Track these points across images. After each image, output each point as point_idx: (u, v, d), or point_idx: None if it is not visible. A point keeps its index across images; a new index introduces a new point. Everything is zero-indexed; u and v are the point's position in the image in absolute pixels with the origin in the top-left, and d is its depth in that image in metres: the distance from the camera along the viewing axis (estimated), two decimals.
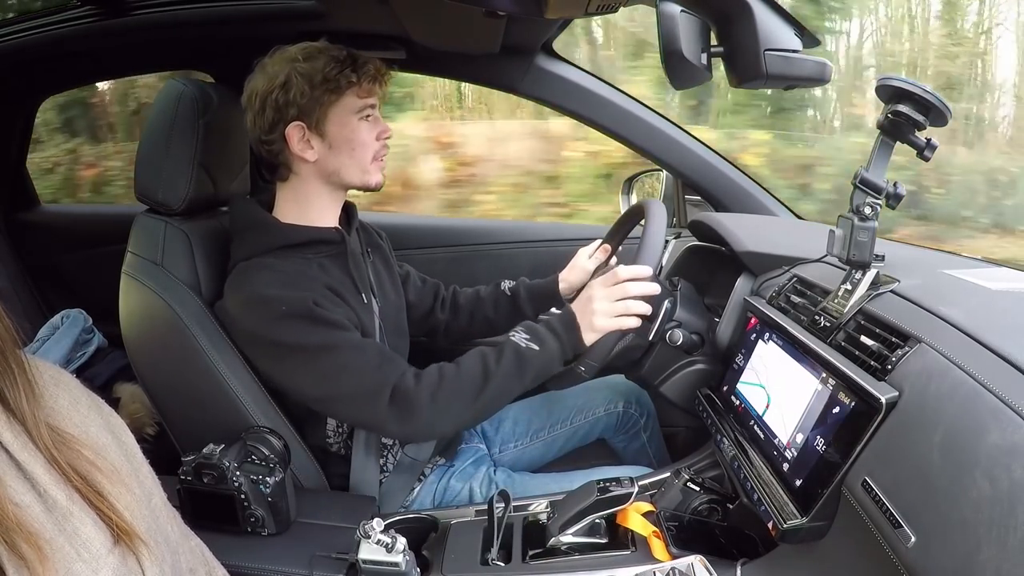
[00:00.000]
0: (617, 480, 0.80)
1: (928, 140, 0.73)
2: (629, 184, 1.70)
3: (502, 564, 0.78)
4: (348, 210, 1.06)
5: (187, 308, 0.93)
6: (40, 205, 1.84)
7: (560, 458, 1.23)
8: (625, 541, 0.79)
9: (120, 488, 0.41)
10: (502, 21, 1.13)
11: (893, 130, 0.74)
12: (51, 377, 0.43)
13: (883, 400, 0.62)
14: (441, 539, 0.85)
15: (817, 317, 0.80)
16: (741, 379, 0.91)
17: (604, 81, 1.44)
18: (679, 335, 1.00)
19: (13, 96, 1.60)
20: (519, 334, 0.93)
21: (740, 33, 0.75)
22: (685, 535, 0.79)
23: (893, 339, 0.68)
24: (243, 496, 0.79)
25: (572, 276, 1.17)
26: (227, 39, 1.33)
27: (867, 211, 0.75)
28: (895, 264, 0.82)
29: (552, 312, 1.02)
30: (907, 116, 0.72)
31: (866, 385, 0.64)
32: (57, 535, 0.37)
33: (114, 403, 1.23)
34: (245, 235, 0.96)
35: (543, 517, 0.84)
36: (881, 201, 0.76)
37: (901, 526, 0.54)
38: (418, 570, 0.74)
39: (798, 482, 0.70)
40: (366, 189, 0.99)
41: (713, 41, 0.78)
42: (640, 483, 0.91)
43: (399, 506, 1.03)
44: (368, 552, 0.69)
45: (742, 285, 1.04)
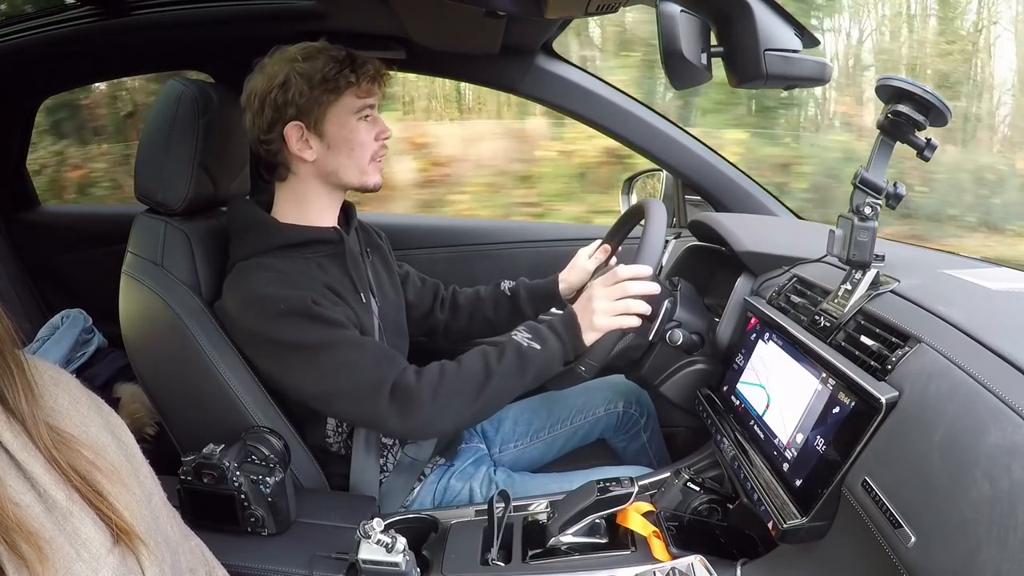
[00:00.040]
0: (617, 480, 0.80)
1: (928, 140, 0.73)
2: (629, 184, 1.70)
3: (502, 564, 0.78)
4: (347, 210, 1.06)
5: (187, 308, 0.93)
6: (40, 205, 1.84)
7: (560, 458, 1.23)
8: (625, 541, 0.79)
9: (120, 488, 0.41)
10: (502, 21, 1.13)
11: (893, 130, 0.74)
12: (51, 377, 0.43)
13: (883, 400, 0.62)
14: (441, 539, 0.85)
15: (817, 317, 0.80)
16: (741, 379, 0.91)
17: (604, 81, 1.44)
18: (679, 335, 1.00)
19: (13, 96, 1.60)
20: (521, 333, 0.93)
21: (740, 33, 0.75)
22: (685, 535, 0.79)
23: (893, 339, 0.68)
24: (243, 496, 0.79)
25: (572, 276, 1.17)
26: (227, 39, 1.33)
27: (867, 211, 0.75)
28: (895, 264, 0.82)
29: (553, 312, 1.02)
30: (907, 116, 0.72)
31: (866, 385, 0.64)
32: (57, 535, 0.37)
33: (114, 403, 1.23)
34: (244, 235, 0.96)
35: (543, 517, 0.84)
36: (881, 201, 0.76)
37: (901, 526, 0.54)
38: (418, 570, 0.74)
39: (798, 482, 0.70)
40: (364, 190, 0.99)
41: (713, 41, 0.78)
42: (640, 483, 0.91)
43: (399, 506, 1.03)
44: (368, 552, 0.69)
45: (742, 285, 1.04)
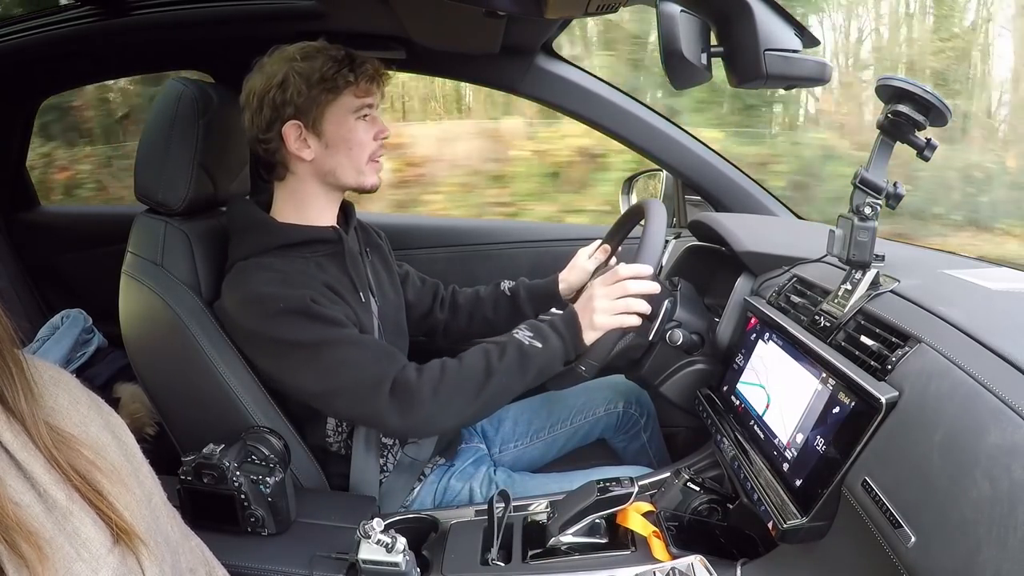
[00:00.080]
0: (617, 480, 0.80)
1: (928, 140, 0.73)
2: (629, 184, 1.70)
3: (502, 564, 0.78)
4: (346, 210, 1.06)
5: (187, 308, 0.93)
6: (40, 205, 1.84)
7: (560, 458, 1.23)
8: (625, 541, 0.79)
9: (120, 488, 0.41)
10: (502, 21, 1.13)
11: (893, 130, 0.74)
12: (51, 377, 0.43)
13: (883, 400, 0.62)
14: (441, 539, 0.85)
15: (817, 317, 0.80)
16: (741, 379, 0.91)
17: (604, 81, 1.44)
18: (679, 335, 1.00)
19: (13, 96, 1.60)
20: (522, 331, 0.93)
21: (740, 33, 0.75)
22: (685, 535, 0.79)
23: (893, 339, 0.68)
24: (243, 496, 0.79)
25: (572, 276, 1.17)
26: (227, 39, 1.33)
27: (867, 211, 0.75)
28: (895, 264, 0.82)
29: (554, 312, 1.02)
30: (907, 116, 0.72)
31: (866, 385, 0.64)
32: (57, 535, 0.37)
33: (114, 403, 1.23)
34: (243, 235, 0.96)
35: (543, 517, 0.84)
36: (881, 201, 0.76)
37: (901, 526, 0.54)
38: (418, 570, 0.74)
39: (798, 482, 0.70)
40: (361, 190, 0.99)
41: (713, 41, 0.78)
42: (640, 483, 0.91)
43: (399, 506, 1.03)
44: (368, 552, 0.69)
45: (742, 285, 1.04)
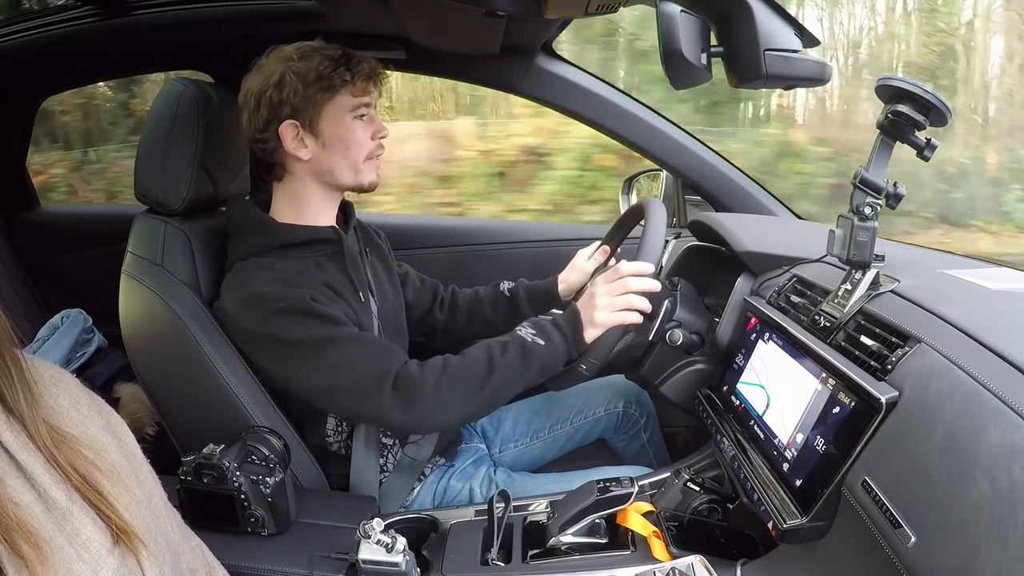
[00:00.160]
0: (617, 480, 0.80)
1: (928, 140, 0.73)
2: (629, 184, 1.70)
3: (502, 564, 0.78)
4: (346, 209, 1.06)
5: (187, 308, 0.93)
6: (40, 205, 1.84)
7: (560, 458, 1.23)
8: (625, 541, 0.79)
9: (120, 488, 0.41)
10: (502, 21, 1.13)
11: (893, 130, 0.74)
12: (51, 377, 0.43)
13: (883, 400, 0.62)
14: (441, 539, 0.85)
15: (817, 317, 0.80)
16: (741, 379, 0.91)
17: (604, 81, 1.44)
18: (679, 335, 1.00)
19: (13, 96, 1.60)
20: (525, 329, 0.93)
21: (740, 33, 0.75)
22: (685, 535, 0.79)
23: (893, 339, 0.68)
24: (243, 496, 0.79)
25: (571, 277, 1.17)
26: (227, 39, 1.33)
27: (867, 211, 0.75)
28: (895, 264, 0.82)
29: (555, 312, 1.02)
30: (907, 116, 0.71)
31: (866, 385, 0.64)
32: (57, 535, 0.37)
33: (114, 403, 1.23)
34: (242, 235, 0.96)
35: (543, 517, 0.84)
36: (881, 201, 0.76)
37: (901, 526, 0.54)
38: (418, 570, 0.74)
39: (798, 482, 0.70)
40: (360, 189, 0.99)
41: (713, 41, 0.78)
42: (640, 483, 0.91)
43: (399, 506, 1.03)
44: (368, 552, 0.69)
45: (742, 285, 1.04)
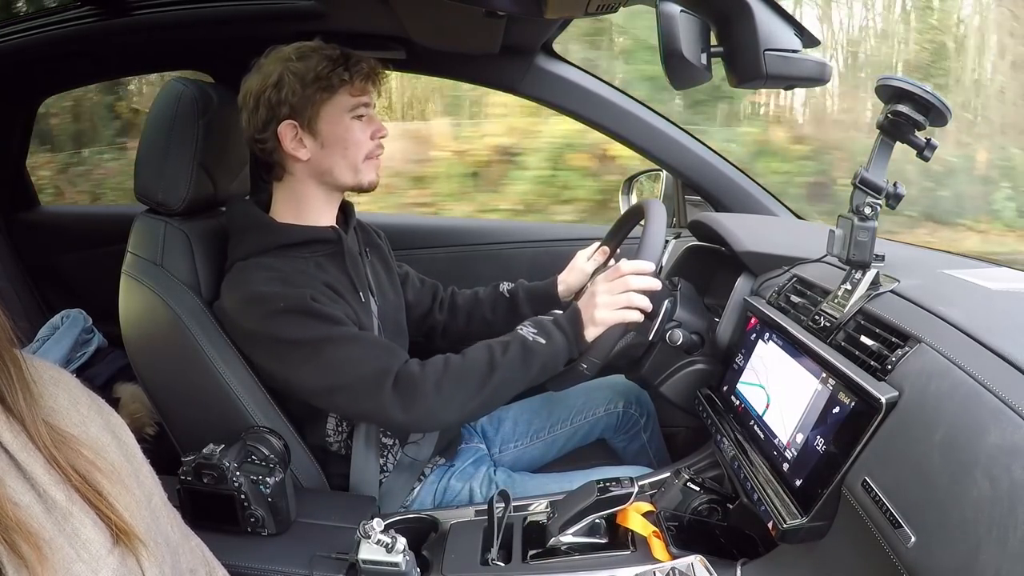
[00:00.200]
0: (617, 480, 0.80)
1: (928, 140, 0.73)
2: (629, 184, 1.70)
3: (502, 564, 0.78)
4: (346, 210, 1.06)
5: (187, 308, 0.93)
6: (40, 205, 1.84)
7: (560, 458, 1.23)
8: (625, 541, 0.79)
9: (119, 488, 0.41)
10: (502, 21, 1.13)
11: (893, 130, 0.74)
12: (50, 377, 0.43)
13: (883, 400, 0.62)
14: (441, 539, 0.85)
15: (817, 317, 0.80)
16: (741, 379, 0.91)
17: (604, 81, 1.44)
18: (679, 335, 1.00)
19: (13, 96, 1.60)
20: (526, 327, 0.93)
21: (740, 33, 0.75)
22: (685, 535, 0.79)
23: (893, 339, 0.68)
24: (243, 496, 0.79)
25: (571, 278, 1.17)
26: (227, 39, 1.33)
27: (867, 211, 0.75)
28: (895, 264, 0.82)
29: (557, 312, 1.02)
30: (907, 116, 0.72)
31: (866, 385, 0.64)
32: (57, 535, 0.37)
33: (114, 403, 1.23)
34: (242, 235, 0.96)
35: (543, 517, 0.84)
36: (881, 201, 0.76)
37: (901, 526, 0.54)
38: (418, 570, 0.74)
39: (798, 482, 0.70)
40: (359, 189, 0.99)
41: (713, 41, 0.78)
42: (640, 483, 0.91)
43: (399, 506, 1.03)
44: (368, 552, 0.69)
45: (742, 285, 1.04)
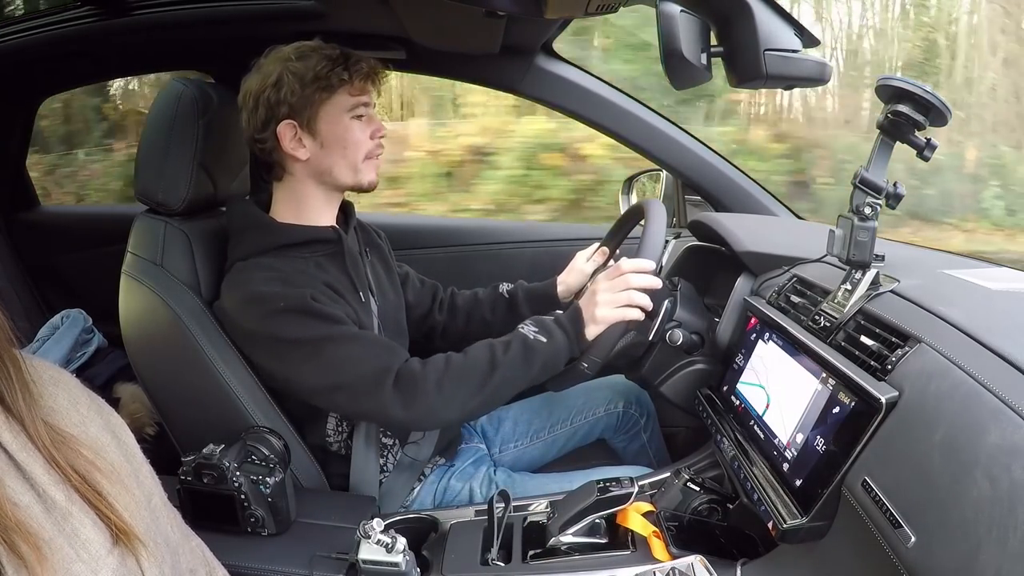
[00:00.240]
0: (617, 480, 0.80)
1: (928, 140, 0.73)
2: (629, 184, 1.70)
3: (502, 564, 0.78)
4: (346, 210, 1.06)
5: (187, 308, 0.93)
6: (40, 205, 1.84)
7: (560, 458, 1.23)
8: (625, 541, 0.79)
9: (119, 488, 0.41)
10: (502, 21, 1.13)
11: (893, 130, 0.74)
12: (50, 377, 0.43)
13: (883, 400, 0.62)
14: (441, 539, 0.85)
15: (817, 317, 0.80)
16: (741, 379, 0.91)
17: (604, 81, 1.44)
18: (679, 335, 1.00)
19: (13, 96, 1.60)
20: (527, 326, 0.93)
21: (740, 33, 0.75)
22: (685, 535, 0.79)
23: (893, 339, 0.68)
24: (243, 496, 0.79)
25: (570, 279, 1.17)
26: (227, 39, 1.33)
27: (867, 211, 0.75)
28: (895, 264, 0.82)
29: (558, 312, 1.02)
30: (907, 116, 0.72)
31: (866, 385, 0.64)
32: (56, 535, 0.37)
33: (114, 403, 1.22)
34: (242, 235, 0.96)
35: (543, 517, 0.84)
36: (881, 201, 0.76)
37: (901, 526, 0.54)
38: (418, 570, 0.74)
39: (798, 482, 0.70)
40: (359, 189, 0.99)
41: (713, 41, 0.78)
42: (640, 483, 0.91)
43: (399, 506, 1.03)
44: (368, 552, 0.69)
45: (742, 285, 1.04)
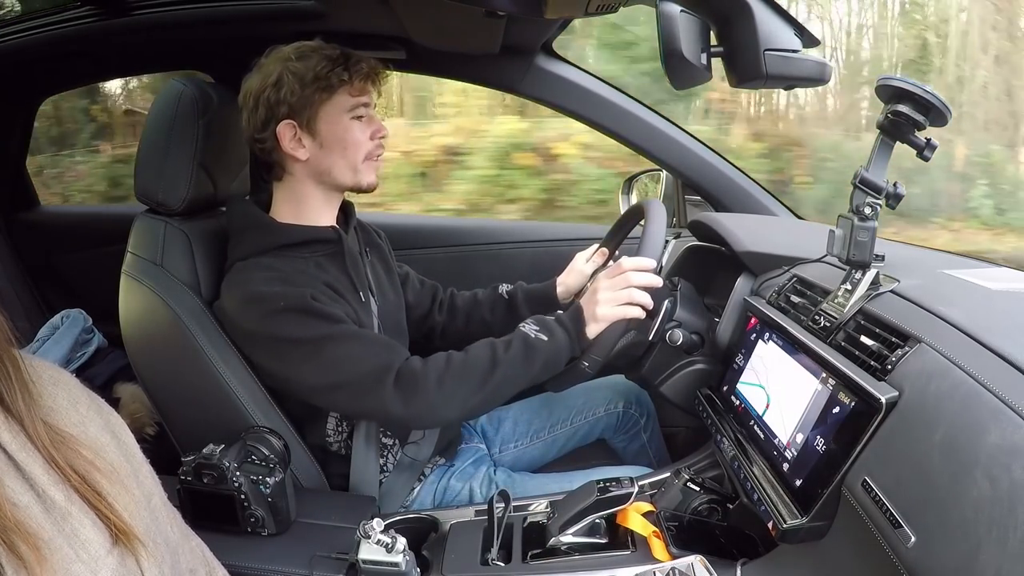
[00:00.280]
0: (617, 480, 0.80)
1: (928, 140, 0.73)
2: (629, 184, 1.70)
3: (502, 564, 0.78)
4: (346, 210, 1.06)
5: (187, 308, 0.93)
6: (40, 205, 1.84)
7: (560, 458, 1.23)
8: (625, 541, 0.79)
9: (119, 488, 0.41)
10: (502, 21, 1.13)
11: (893, 130, 0.74)
12: (50, 377, 0.43)
13: (883, 400, 0.62)
14: (441, 539, 0.85)
15: (817, 317, 0.80)
16: (741, 379, 0.91)
17: (604, 81, 1.44)
18: (679, 335, 1.00)
19: (13, 96, 1.60)
20: (528, 325, 0.93)
21: (740, 33, 0.75)
22: (685, 535, 0.79)
23: (893, 339, 0.68)
24: (243, 496, 0.79)
25: (569, 279, 1.17)
26: (227, 39, 1.33)
27: (867, 211, 0.75)
28: (895, 264, 0.82)
29: (558, 312, 1.02)
30: (907, 116, 0.72)
31: (866, 385, 0.64)
32: (56, 535, 0.37)
33: (114, 403, 1.22)
34: (242, 235, 0.96)
35: (543, 517, 0.84)
36: (881, 201, 0.76)
37: (901, 526, 0.54)
38: (418, 570, 0.74)
39: (798, 482, 0.70)
40: (359, 190, 0.99)
41: (713, 41, 0.78)
42: (640, 483, 0.91)
43: (399, 506, 1.03)
44: (368, 552, 0.69)
45: (742, 285, 1.04)
